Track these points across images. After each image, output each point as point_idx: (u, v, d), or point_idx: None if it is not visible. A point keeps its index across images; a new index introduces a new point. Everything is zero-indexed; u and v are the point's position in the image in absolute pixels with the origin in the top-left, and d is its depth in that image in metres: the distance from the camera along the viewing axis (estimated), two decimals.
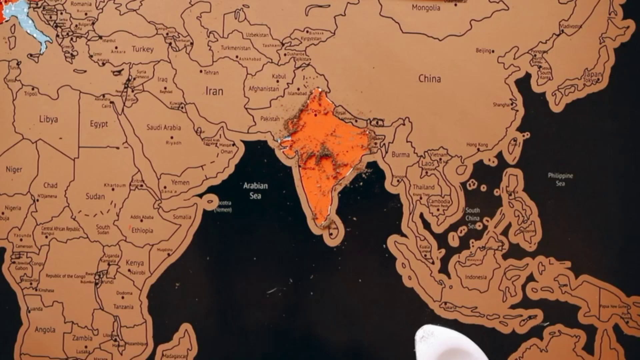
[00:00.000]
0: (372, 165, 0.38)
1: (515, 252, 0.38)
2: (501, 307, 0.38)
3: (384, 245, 0.38)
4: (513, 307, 0.38)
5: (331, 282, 0.38)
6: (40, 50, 0.37)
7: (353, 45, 0.38)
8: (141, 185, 0.38)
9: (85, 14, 0.37)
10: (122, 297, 0.38)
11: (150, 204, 0.38)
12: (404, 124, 0.38)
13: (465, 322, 0.38)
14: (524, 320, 0.38)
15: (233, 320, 0.38)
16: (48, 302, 0.38)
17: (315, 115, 0.38)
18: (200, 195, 0.38)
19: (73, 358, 0.38)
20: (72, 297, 0.38)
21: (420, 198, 0.38)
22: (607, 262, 0.38)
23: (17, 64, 0.37)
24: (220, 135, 0.38)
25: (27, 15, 0.37)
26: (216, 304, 0.38)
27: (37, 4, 0.37)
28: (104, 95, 0.38)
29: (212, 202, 0.38)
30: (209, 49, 0.38)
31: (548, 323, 0.38)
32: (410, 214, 0.38)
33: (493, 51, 0.38)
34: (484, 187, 0.38)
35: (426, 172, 0.38)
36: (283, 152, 0.38)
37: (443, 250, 0.38)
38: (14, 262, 0.38)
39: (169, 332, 0.38)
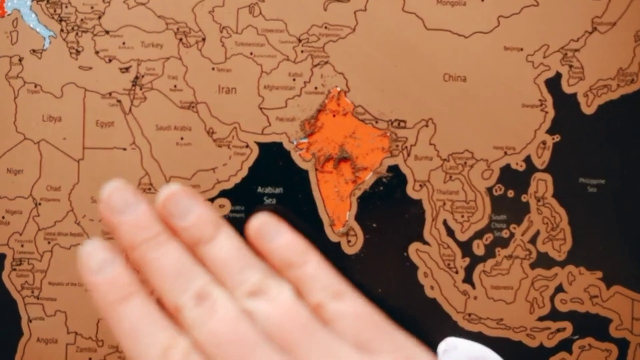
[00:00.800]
0: (393, 169, 0.36)
1: (544, 261, 0.36)
2: (528, 319, 0.36)
3: (405, 254, 0.36)
4: (541, 319, 0.36)
5: None
6: (43, 46, 0.36)
7: (374, 42, 0.36)
8: (149, 189, 0.36)
9: (92, 7, 0.36)
10: None
11: None
12: (427, 126, 0.36)
13: (490, 335, 0.36)
14: (552, 333, 0.36)
15: None
16: (50, 311, 0.36)
17: (334, 115, 0.36)
18: (212, 200, 0.36)
19: None
20: (76, 307, 0.36)
21: (444, 204, 0.36)
22: None
23: (20, 60, 0.36)
24: (233, 136, 0.36)
25: (30, 9, 0.36)
26: None
27: None
28: (110, 94, 0.36)
29: (224, 207, 0.36)
30: (222, 45, 0.36)
31: (578, 336, 0.36)
32: (433, 220, 0.36)
33: (522, 49, 0.36)
34: (511, 193, 0.36)
35: (450, 177, 0.36)
36: (299, 154, 0.36)
37: (467, 259, 0.36)
38: (14, 269, 0.36)
39: None
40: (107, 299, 0.28)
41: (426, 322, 0.36)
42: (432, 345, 0.36)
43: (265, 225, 0.30)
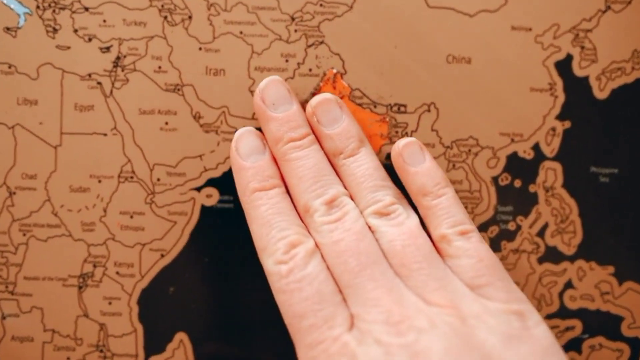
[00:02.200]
0: None
1: (552, 255, 0.34)
2: None
3: None
4: (549, 317, 0.34)
5: None
6: (18, 24, 0.33)
7: (373, 21, 0.33)
8: (131, 177, 0.34)
9: None
10: (110, 303, 0.34)
11: (141, 198, 0.34)
12: (429, 111, 0.34)
13: None
14: (560, 332, 0.34)
15: (234, 330, 0.34)
16: (26, 307, 0.34)
17: None
18: (199, 189, 0.34)
19: None
20: (53, 303, 0.34)
21: None
22: None
23: None
24: (221, 121, 0.34)
25: None
26: (215, 311, 0.34)
27: None
28: (90, 75, 0.34)
29: (212, 197, 0.34)
30: (210, 24, 0.34)
31: (587, 335, 0.35)
32: None
33: (530, 29, 0.34)
34: (518, 183, 0.34)
35: (453, 165, 0.34)
36: None
37: None
38: None
39: (162, 342, 0.34)
40: (250, 185, 0.30)
41: None
42: None
43: (410, 148, 0.31)
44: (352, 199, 0.30)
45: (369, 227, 0.29)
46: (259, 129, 0.32)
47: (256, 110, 0.32)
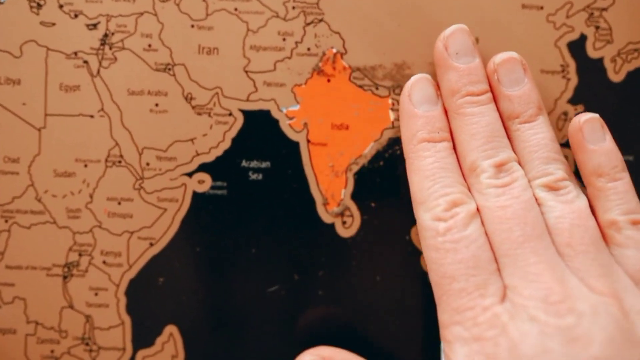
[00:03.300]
0: (396, 141, 0.32)
1: None
2: None
3: (407, 237, 0.33)
4: None
5: (344, 279, 0.33)
6: None
7: None
8: (119, 162, 0.32)
9: None
10: (96, 294, 0.33)
11: (130, 183, 0.32)
12: None
13: None
14: None
15: (226, 323, 0.33)
16: (8, 298, 0.33)
17: (329, 80, 0.32)
18: (190, 174, 0.32)
19: None
20: (37, 293, 0.33)
21: None
22: None
23: None
24: (214, 103, 0.32)
25: None
26: (207, 303, 0.33)
27: None
28: (76, 54, 0.32)
29: (204, 183, 0.33)
30: (203, 0, 0.32)
31: None
32: None
33: (542, 8, 0.32)
34: None
35: None
36: (289, 124, 0.32)
37: None
38: None
39: (151, 335, 0.33)
40: (419, 134, 0.29)
41: (429, 312, 0.33)
42: (434, 338, 0.32)
43: (591, 124, 0.30)
44: (520, 166, 0.29)
45: (535, 199, 0.28)
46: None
47: (436, 57, 0.30)
